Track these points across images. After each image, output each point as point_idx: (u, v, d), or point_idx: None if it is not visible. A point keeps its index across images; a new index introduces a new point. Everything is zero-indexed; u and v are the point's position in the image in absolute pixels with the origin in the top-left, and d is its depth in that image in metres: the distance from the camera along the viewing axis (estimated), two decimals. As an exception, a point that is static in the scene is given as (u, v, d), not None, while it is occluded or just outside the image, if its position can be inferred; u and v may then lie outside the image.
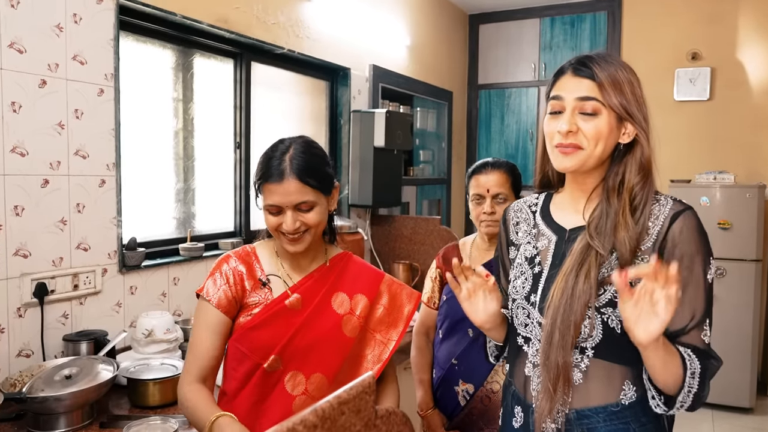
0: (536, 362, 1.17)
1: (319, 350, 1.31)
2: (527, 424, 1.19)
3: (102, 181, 2.04)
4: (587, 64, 1.12)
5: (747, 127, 4.37)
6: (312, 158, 1.31)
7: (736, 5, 4.37)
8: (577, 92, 1.12)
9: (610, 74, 1.11)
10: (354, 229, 2.97)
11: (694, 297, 1.08)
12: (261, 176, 1.30)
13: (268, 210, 1.30)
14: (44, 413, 1.56)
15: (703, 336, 1.08)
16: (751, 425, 3.83)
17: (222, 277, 1.34)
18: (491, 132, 5.31)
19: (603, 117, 1.10)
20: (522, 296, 1.21)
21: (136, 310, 2.15)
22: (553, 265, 1.18)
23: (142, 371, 1.80)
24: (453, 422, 1.84)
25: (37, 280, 1.84)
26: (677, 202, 1.13)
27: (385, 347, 1.38)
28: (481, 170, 1.82)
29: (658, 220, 1.11)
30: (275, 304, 1.32)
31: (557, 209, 1.25)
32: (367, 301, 1.39)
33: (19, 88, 1.78)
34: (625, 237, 1.08)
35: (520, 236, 1.29)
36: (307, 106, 3.38)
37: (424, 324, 1.97)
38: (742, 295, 3.99)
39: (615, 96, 1.10)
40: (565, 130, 1.11)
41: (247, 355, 1.30)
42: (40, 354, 1.85)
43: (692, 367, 1.04)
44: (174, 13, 2.29)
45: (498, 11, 5.16)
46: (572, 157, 1.13)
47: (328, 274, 1.39)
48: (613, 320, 1.09)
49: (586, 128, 1.11)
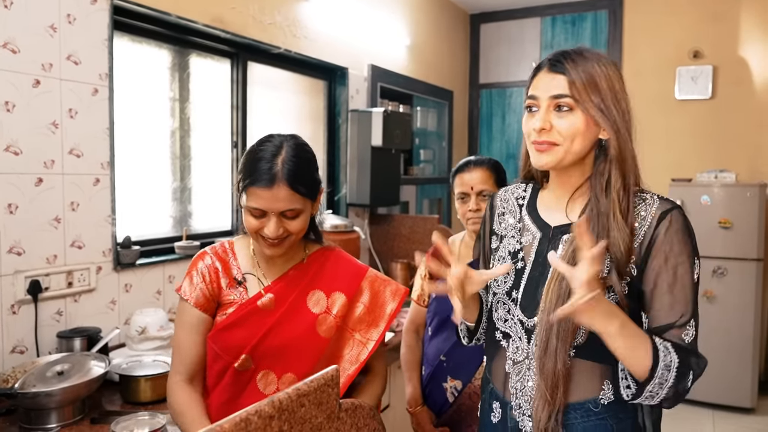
0: (516, 359, 1.16)
1: (292, 350, 1.29)
2: (505, 419, 1.19)
3: (96, 180, 2.06)
4: (561, 60, 1.11)
5: (749, 126, 4.35)
6: (304, 163, 1.26)
7: (738, 3, 4.34)
8: (550, 89, 1.11)
9: (585, 70, 1.10)
10: (350, 228, 2.98)
11: (680, 297, 1.07)
12: (249, 178, 1.23)
13: (250, 212, 1.25)
14: (35, 408, 1.58)
15: (684, 335, 1.07)
16: (752, 425, 3.80)
17: (198, 275, 1.33)
18: (492, 131, 5.31)
19: (578, 113, 1.09)
20: (503, 291, 1.19)
21: (131, 308, 2.17)
22: (536, 262, 1.17)
23: (134, 368, 1.82)
24: (441, 419, 1.85)
25: (31, 278, 1.86)
26: (663, 200, 1.12)
27: (364, 347, 1.33)
28: (464, 168, 1.83)
29: (645, 220, 1.10)
30: (248, 304, 1.31)
31: (543, 205, 1.23)
32: (346, 299, 1.35)
33: (13, 88, 1.80)
34: (619, 238, 1.06)
35: (503, 227, 1.27)
36: (305, 106, 3.40)
37: (414, 321, 1.98)
38: (743, 295, 3.96)
39: (588, 93, 1.09)
40: (538, 128, 1.11)
41: (219, 354, 1.30)
42: (34, 350, 1.87)
43: (667, 360, 1.01)
44: (169, 14, 2.31)
45: (499, 10, 5.16)
46: (548, 155, 1.12)
47: (305, 273, 1.36)
48: None
49: (561, 125, 1.10)
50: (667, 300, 1.07)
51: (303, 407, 0.68)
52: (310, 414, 0.69)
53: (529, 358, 1.14)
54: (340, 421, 0.75)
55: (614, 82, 1.12)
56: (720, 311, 4.02)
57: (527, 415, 1.14)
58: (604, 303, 0.98)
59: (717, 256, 4.03)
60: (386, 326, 1.37)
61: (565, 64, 1.11)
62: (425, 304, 1.95)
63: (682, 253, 1.07)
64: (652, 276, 1.08)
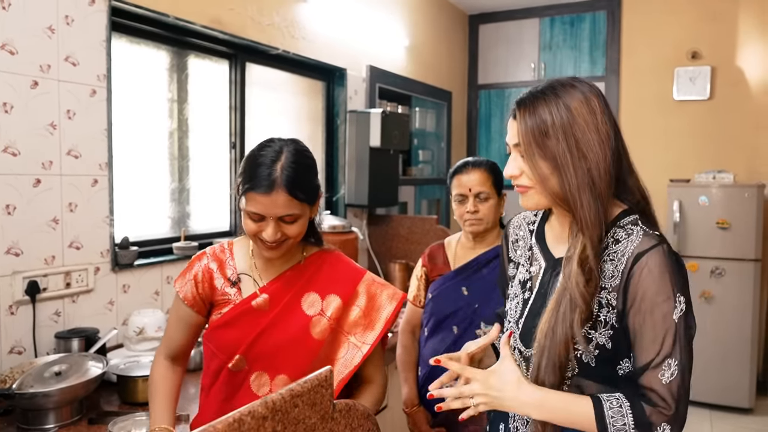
0: None
1: (285, 352, 1.30)
2: None
3: (94, 181, 2.07)
4: (518, 106, 1.10)
5: (747, 127, 4.36)
6: (303, 169, 1.26)
7: (736, 4, 4.35)
8: (512, 138, 1.11)
9: (538, 116, 1.06)
10: (348, 229, 2.99)
11: (648, 341, 1.03)
12: (248, 183, 1.24)
13: (249, 216, 1.26)
14: (33, 409, 1.58)
15: (660, 376, 1.01)
16: (750, 426, 3.81)
17: (191, 274, 1.37)
18: (491, 132, 5.31)
19: (537, 159, 1.07)
20: (515, 319, 1.20)
21: (129, 309, 2.17)
22: (539, 294, 1.16)
23: (132, 368, 1.82)
24: (438, 419, 1.85)
25: (29, 278, 1.87)
26: (646, 237, 1.06)
27: (358, 351, 1.32)
28: (462, 170, 1.83)
29: (623, 258, 1.05)
30: (243, 304, 1.32)
31: (550, 233, 1.21)
32: (341, 301, 1.34)
33: (11, 89, 1.81)
34: (575, 287, 1.03)
35: (518, 254, 1.27)
36: (303, 106, 3.40)
37: (410, 322, 1.98)
38: (741, 295, 3.97)
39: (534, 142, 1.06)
40: (507, 175, 1.13)
41: (215, 353, 1.32)
42: (32, 351, 1.88)
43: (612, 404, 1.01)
44: (167, 15, 2.31)
45: (498, 11, 5.17)
46: (525, 198, 1.12)
47: (301, 275, 1.36)
48: (587, 355, 1.06)
49: (527, 170, 1.09)
50: (645, 341, 1.03)
51: (297, 408, 0.69)
52: (303, 414, 0.70)
53: None
54: (334, 422, 0.76)
55: (573, 124, 1.05)
56: (718, 312, 4.02)
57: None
58: (499, 401, 1.05)
59: (715, 256, 4.04)
60: (383, 330, 1.35)
61: (518, 110, 1.10)
62: (421, 304, 1.96)
63: (659, 294, 1.02)
64: (631, 319, 1.05)
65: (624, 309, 1.06)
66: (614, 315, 1.06)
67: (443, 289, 1.85)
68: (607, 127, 1.07)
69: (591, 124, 1.06)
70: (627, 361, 1.08)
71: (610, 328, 1.06)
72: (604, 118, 1.07)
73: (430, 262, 1.96)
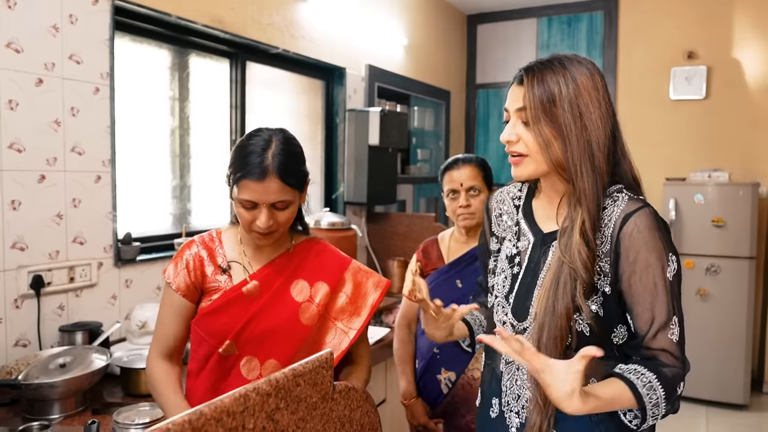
0: (508, 360, 1.20)
1: (275, 337, 1.33)
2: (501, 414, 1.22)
3: (98, 177, 2.10)
4: (525, 73, 1.12)
5: (742, 126, 4.40)
6: (293, 157, 1.30)
7: (732, 5, 4.39)
8: (515, 103, 1.12)
9: (546, 84, 1.09)
10: (347, 226, 3.02)
11: (651, 302, 1.07)
12: (240, 171, 1.26)
13: (242, 204, 1.28)
14: (38, 399, 1.62)
15: (671, 336, 1.07)
16: (745, 422, 3.85)
17: (182, 262, 1.38)
18: (489, 131, 5.35)
19: (542, 125, 1.09)
20: (503, 295, 1.22)
21: (131, 303, 2.21)
22: (528, 268, 1.19)
23: (135, 361, 1.86)
24: (436, 410, 1.89)
25: (34, 273, 1.90)
26: (631, 200, 1.10)
27: (345, 336, 1.37)
28: (452, 166, 1.88)
29: (610, 222, 1.09)
30: (233, 291, 1.34)
31: (538, 208, 1.24)
32: (328, 288, 1.39)
33: (16, 87, 1.84)
34: (577, 256, 1.06)
35: (501, 228, 1.29)
36: (303, 105, 3.44)
37: (406, 317, 2.02)
38: (735, 293, 4.01)
39: (542, 108, 1.08)
40: (504, 140, 1.13)
41: (204, 338, 1.34)
42: (36, 344, 1.91)
43: (643, 381, 1.03)
44: (169, 14, 2.34)
45: (496, 11, 5.20)
46: (520, 167, 1.14)
47: (290, 262, 1.39)
48: (580, 324, 1.09)
49: (526, 137, 1.11)
50: (644, 304, 1.07)
51: (299, 387, 0.72)
52: (305, 393, 0.73)
53: None
54: (334, 402, 0.79)
55: (578, 96, 1.09)
56: (713, 309, 4.06)
57: (514, 411, 1.18)
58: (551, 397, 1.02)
59: (710, 254, 4.07)
60: (368, 316, 1.40)
61: (526, 77, 1.11)
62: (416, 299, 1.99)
63: (652, 254, 1.06)
64: (626, 283, 1.08)
65: (617, 273, 1.09)
66: (606, 282, 1.09)
67: (438, 282, 1.89)
68: (607, 105, 1.12)
69: (594, 99, 1.10)
70: (622, 327, 1.12)
71: (601, 295, 1.10)
72: (606, 95, 1.12)
73: (424, 256, 1.99)
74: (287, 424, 0.70)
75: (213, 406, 0.60)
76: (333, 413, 0.79)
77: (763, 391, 4.28)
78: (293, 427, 0.71)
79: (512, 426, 1.19)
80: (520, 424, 1.17)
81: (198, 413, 0.58)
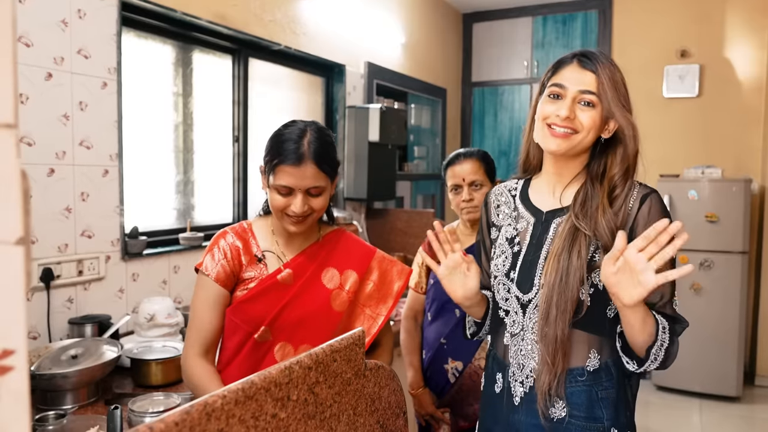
0: (513, 332, 1.28)
1: (308, 323, 1.38)
2: (507, 387, 1.28)
3: (105, 171, 2.12)
4: (592, 59, 1.23)
5: (734, 123, 4.47)
6: (327, 146, 1.35)
7: (724, 4, 4.46)
8: (580, 84, 1.22)
9: (611, 73, 1.23)
10: (349, 220, 3.05)
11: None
12: (278, 157, 1.31)
13: (277, 190, 1.32)
14: (52, 390, 1.63)
15: (674, 306, 1.20)
16: (738, 413, 3.92)
17: (220, 251, 1.40)
18: (485, 128, 5.40)
19: (597, 110, 1.21)
20: (503, 273, 1.31)
21: (138, 296, 2.22)
22: (530, 244, 1.29)
23: (145, 352, 1.88)
24: (443, 400, 1.92)
25: (44, 266, 1.92)
26: (643, 186, 1.25)
27: (374, 321, 1.44)
28: (455, 161, 1.91)
29: (630, 198, 1.22)
30: (269, 279, 1.38)
31: (535, 193, 1.35)
32: (357, 276, 1.45)
33: (27, 81, 1.85)
34: (603, 221, 1.18)
35: (500, 218, 1.38)
36: (303, 102, 3.46)
37: (412, 309, 2.05)
38: (729, 287, 4.08)
39: (611, 95, 1.21)
40: (564, 115, 1.21)
41: (240, 325, 1.37)
42: (46, 336, 1.92)
43: (662, 323, 1.14)
44: (174, 10, 2.36)
45: (491, 10, 5.25)
46: (565, 141, 1.22)
47: (320, 251, 1.45)
48: (583, 293, 1.18)
49: (583, 117, 1.22)
50: None
51: (335, 362, 0.75)
52: (341, 369, 0.76)
53: (524, 330, 1.26)
54: (365, 379, 0.82)
55: (625, 86, 1.26)
56: (706, 303, 4.13)
57: (519, 381, 1.26)
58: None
59: (704, 249, 4.14)
60: (394, 302, 1.47)
61: (595, 63, 1.23)
62: (423, 291, 2.03)
63: None
64: None
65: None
66: None
67: None
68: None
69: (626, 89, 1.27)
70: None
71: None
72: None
73: (430, 249, 2.02)
74: (325, 398, 0.73)
75: (262, 377, 0.62)
76: (365, 389, 0.82)
77: (755, 384, 4.36)
78: (330, 401, 0.74)
79: (516, 395, 1.26)
80: (524, 393, 1.24)
81: (250, 383, 0.61)
